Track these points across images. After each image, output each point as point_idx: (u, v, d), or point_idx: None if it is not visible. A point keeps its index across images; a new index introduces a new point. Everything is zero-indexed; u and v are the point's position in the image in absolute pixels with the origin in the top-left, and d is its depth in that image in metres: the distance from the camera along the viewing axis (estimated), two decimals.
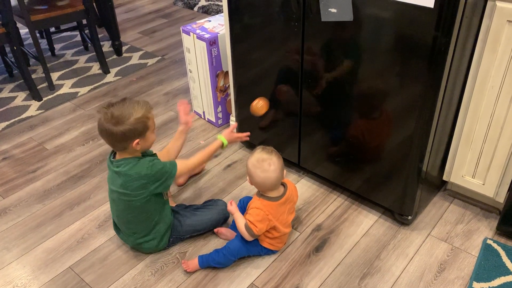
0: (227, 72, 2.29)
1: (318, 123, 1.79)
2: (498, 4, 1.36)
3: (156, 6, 4.19)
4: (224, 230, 1.72)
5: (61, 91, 2.83)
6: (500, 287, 1.50)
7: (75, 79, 2.96)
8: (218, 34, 2.17)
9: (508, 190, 1.63)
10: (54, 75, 3.00)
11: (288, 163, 2.06)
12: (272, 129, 1.99)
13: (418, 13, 1.30)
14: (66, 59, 3.24)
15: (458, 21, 1.30)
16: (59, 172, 2.15)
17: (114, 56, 3.26)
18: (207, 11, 3.94)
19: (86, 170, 2.15)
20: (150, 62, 3.15)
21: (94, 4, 3.14)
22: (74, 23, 3.26)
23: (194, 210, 1.74)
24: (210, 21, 2.31)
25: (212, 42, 2.16)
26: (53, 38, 3.46)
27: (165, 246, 1.68)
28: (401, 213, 1.72)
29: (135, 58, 3.21)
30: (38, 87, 2.79)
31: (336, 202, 1.89)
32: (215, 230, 1.74)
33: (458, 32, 1.33)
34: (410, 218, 1.72)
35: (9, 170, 2.18)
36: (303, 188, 1.97)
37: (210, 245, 1.72)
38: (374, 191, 1.76)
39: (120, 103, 1.47)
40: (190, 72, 2.39)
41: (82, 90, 2.83)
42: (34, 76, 2.98)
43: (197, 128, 2.42)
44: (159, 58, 3.21)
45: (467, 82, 1.54)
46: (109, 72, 3.02)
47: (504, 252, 1.62)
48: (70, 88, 2.86)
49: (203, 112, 2.46)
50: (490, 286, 1.50)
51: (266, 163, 1.51)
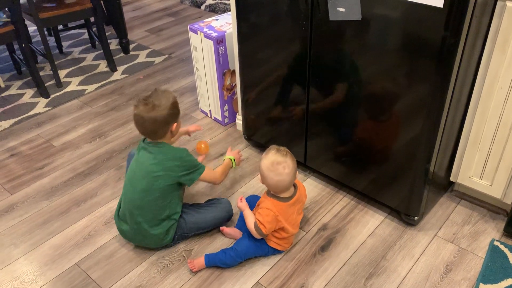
0: (234, 70, 2.29)
1: (325, 123, 1.78)
2: (508, 4, 1.35)
3: (163, 4, 4.19)
4: (229, 230, 1.73)
5: (68, 89, 2.84)
6: None
7: (83, 77, 2.97)
8: (225, 33, 2.17)
9: None
10: (62, 73, 3.02)
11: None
12: (278, 128, 1.99)
13: (426, 12, 1.30)
14: (73, 57, 3.25)
15: (467, 21, 1.29)
16: (66, 169, 2.16)
17: (121, 54, 3.27)
18: (214, 10, 3.95)
19: (93, 167, 2.16)
20: (157, 60, 3.16)
21: (101, 2, 3.15)
22: (82, 21, 3.28)
23: (197, 208, 1.74)
24: (217, 19, 2.32)
25: (219, 41, 2.16)
26: (61, 35, 3.48)
27: (170, 242, 1.68)
28: (407, 213, 1.72)
29: (142, 56, 3.22)
30: (46, 85, 2.81)
31: (342, 202, 1.88)
32: (221, 229, 1.74)
33: (467, 32, 1.32)
34: (416, 218, 1.71)
35: (16, 166, 2.20)
36: (309, 187, 1.96)
37: (216, 243, 1.72)
38: (380, 191, 1.76)
39: (154, 94, 1.59)
40: (197, 70, 2.39)
41: (89, 88, 2.84)
42: (42, 73, 2.99)
43: (203, 126, 2.42)
44: (166, 56, 3.21)
45: (476, 83, 1.54)
46: (116, 70, 3.04)
47: (511, 254, 1.61)
48: (77, 85, 2.88)
49: (210, 110, 2.46)
50: None
51: (281, 166, 1.50)
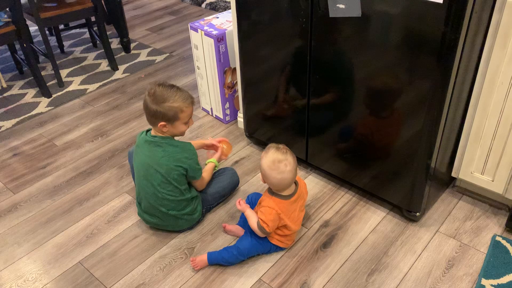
0: (235, 68, 2.29)
1: (326, 119, 1.79)
2: None
3: (164, 3, 4.19)
4: (231, 227, 1.73)
5: (70, 88, 2.85)
6: (509, 284, 1.49)
7: (84, 76, 2.98)
8: (226, 31, 2.17)
9: None
10: (63, 72, 3.03)
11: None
12: (280, 125, 1.99)
13: (426, 8, 1.30)
14: (75, 56, 3.26)
15: (468, 16, 1.29)
16: (69, 168, 2.17)
17: (123, 53, 3.27)
18: (215, 8, 3.94)
19: (95, 166, 2.17)
20: (158, 59, 3.17)
21: (102, 1, 3.16)
22: (83, 20, 3.28)
23: (212, 180, 1.86)
24: (218, 17, 2.32)
25: (220, 39, 2.16)
26: (62, 35, 3.48)
27: (200, 217, 1.78)
28: (409, 209, 1.72)
29: (143, 55, 3.23)
30: (47, 84, 2.81)
31: (344, 199, 1.89)
32: (223, 226, 1.75)
33: (468, 27, 1.32)
34: (418, 214, 1.72)
35: (19, 166, 2.21)
36: (311, 184, 1.97)
37: (218, 241, 1.72)
38: (382, 188, 1.76)
39: (167, 87, 1.60)
40: (198, 68, 2.39)
41: (91, 87, 2.85)
42: (43, 73, 3.00)
43: (205, 124, 2.43)
44: (167, 55, 3.22)
45: (477, 78, 1.53)
46: (117, 69, 3.04)
47: None
48: (79, 85, 2.89)
49: (211, 108, 2.46)
50: (499, 283, 1.50)
51: (282, 164, 1.50)
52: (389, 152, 1.65)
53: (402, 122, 1.55)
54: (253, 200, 1.75)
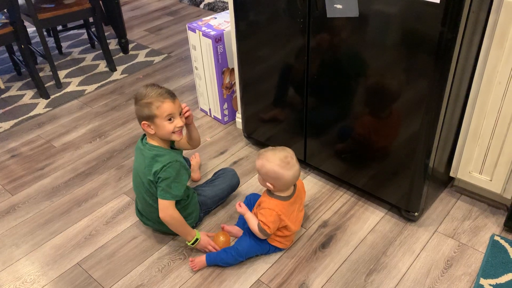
0: (233, 69, 2.29)
1: (324, 120, 1.79)
2: None
3: (162, 3, 4.19)
4: (230, 228, 1.73)
5: (68, 89, 2.85)
6: (507, 284, 1.49)
7: (82, 77, 2.98)
8: (224, 31, 2.17)
9: None
10: (61, 73, 3.02)
11: None
12: (278, 125, 1.99)
13: (424, 8, 1.30)
14: (73, 57, 3.26)
15: (465, 16, 1.29)
16: (67, 169, 2.17)
17: (121, 53, 3.27)
18: (213, 8, 3.94)
19: (93, 167, 2.17)
20: (157, 59, 3.16)
21: (100, 2, 3.15)
22: (81, 21, 3.28)
23: (211, 183, 1.85)
24: (216, 18, 2.32)
25: (217, 39, 2.16)
26: (60, 36, 3.48)
27: (196, 221, 1.76)
28: (407, 209, 1.72)
29: (142, 56, 3.22)
30: (45, 85, 2.81)
31: (342, 199, 1.89)
32: (222, 226, 1.74)
33: (465, 27, 1.32)
34: (416, 214, 1.72)
35: (17, 167, 2.20)
36: (309, 184, 1.97)
37: None
38: (380, 188, 1.76)
39: (148, 86, 1.57)
40: (196, 69, 2.39)
41: (89, 88, 2.85)
42: (41, 74, 3.00)
43: (203, 125, 2.43)
44: (165, 55, 3.22)
45: (474, 78, 1.53)
46: (115, 69, 3.04)
47: (511, 248, 1.61)
48: (77, 86, 2.88)
49: (209, 109, 2.46)
50: (498, 283, 1.50)
51: (289, 158, 1.51)
52: (387, 152, 1.65)
53: (400, 122, 1.55)
54: (251, 201, 1.75)
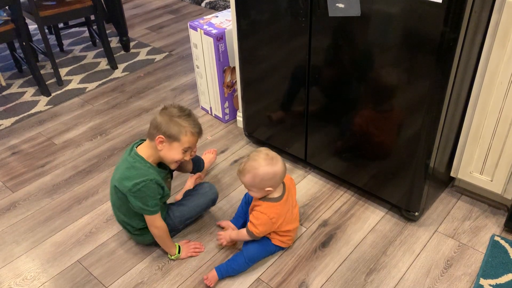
0: (234, 67, 2.29)
1: (325, 119, 1.78)
2: None
3: (163, 1, 4.19)
4: (226, 224, 1.75)
5: (69, 87, 2.85)
6: (507, 284, 1.49)
7: (83, 75, 2.98)
8: (225, 30, 2.17)
9: None
10: (63, 71, 3.02)
11: (294, 159, 2.06)
12: (279, 124, 1.99)
13: (426, 8, 1.30)
14: (74, 55, 3.26)
15: (467, 16, 1.29)
16: (68, 167, 2.17)
17: (122, 51, 3.27)
18: (215, 7, 3.94)
19: (94, 165, 2.17)
20: (158, 57, 3.16)
21: (102, 0, 3.15)
22: (82, 19, 3.28)
23: (181, 201, 1.75)
24: (217, 16, 2.31)
25: (219, 38, 2.16)
26: (61, 34, 3.47)
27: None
28: (408, 209, 1.72)
29: (143, 54, 3.22)
30: (46, 83, 2.81)
31: (342, 198, 1.89)
32: (218, 224, 1.75)
33: (467, 27, 1.32)
34: (417, 214, 1.72)
35: (18, 164, 2.21)
36: (310, 184, 1.97)
37: (217, 240, 1.72)
38: (381, 187, 1.76)
39: (185, 109, 1.54)
40: (197, 67, 2.39)
41: (90, 86, 2.85)
42: (42, 71, 3.00)
43: (204, 123, 2.43)
44: (167, 53, 3.21)
45: (476, 78, 1.53)
46: (117, 67, 3.04)
47: (511, 249, 1.61)
48: (78, 83, 2.88)
49: (210, 107, 2.46)
50: (498, 283, 1.50)
51: (270, 154, 1.50)
52: (388, 151, 1.65)
53: (401, 122, 1.55)
54: (250, 199, 1.75)
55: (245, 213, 1.73)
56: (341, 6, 1.47)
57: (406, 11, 1.35)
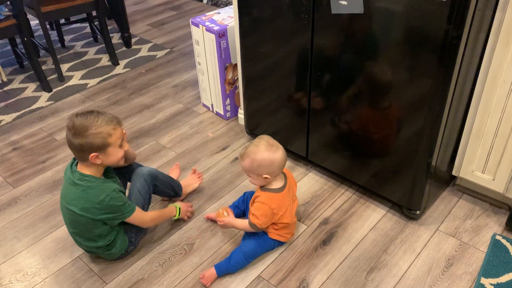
0: (236, 64, 2.28)
1: (327, 117, 1.78)
2: None
3: None
4: (212, 215, 1.78)
5: (70, 83, 2.84)
6: (508, 283, 1.49)
7: (85, 71, 2.97)
8: (227, 27, 2.16)
9: None
10: (64, 67, 3.02)
11: (296, 157, 2.06)
12: (280, 122, 1.99)
13: (429, 5, 1.29)
14: (75, 51, 3.25)
15: (471, 14, 1.28)
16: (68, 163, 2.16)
17: (123, 48, 3.26)
18: (216, 4, 3.93)
19: None
20: (159, 54, 3.16)
21: None
22: (84, 15, 3.27)
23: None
24: (219, 13, 2.31)
25: (221, 35, 2.15)
26: (63, 29, 3.47)
27: (119, 254, 1.63)
28: (409, 207, 1.72)
29: (144, 50, 3.22)
30: (48, 78, 2.81)
31: (344, 196, 1.88)
32: (209, 217, 1.79)
33: (470, 25, 1.31)
34: (418, 213, 1.71)
35: (19, 160, 2.20)
36: (311, 181, 1.96)
37: (217, 237, 1.72)
38: (382, 186, 1.75)
39: (85, 114, 1.43)
40: (199, 64, 2.39)
41: (92, 82, 2.84)
42: (44, 67, 2.99)
43: (205, 120, 2.42)
44: (168, 50, 3.21)
45: (479, 76, 1.53)
46: (118, 64, 3.03)
47: None
48: (79, 79, 2.88)
49: (212, 104, 2.46)
50: (499, 282, 1.50)
51: (271, 141, 1.51)
52: (390, 150, 1.64)
53: (403, 120, 1.54)
54: (248, 199, 1.75)
55: (239, 207, 1.76)
56: (344, 3, 1.46)
57: (409, 9, 1.35)
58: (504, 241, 1.63)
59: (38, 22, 2.98)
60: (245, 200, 1.76)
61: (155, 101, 2.62)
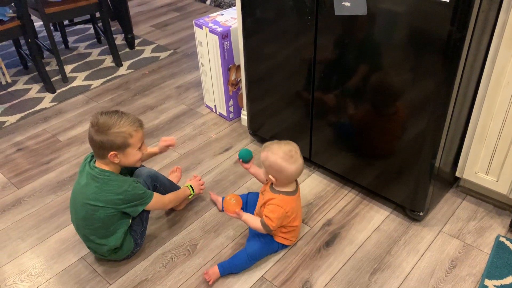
0: (239, 66, 2.28)
1: (330, 118, 1.78)
2: None
3: None
4: (216, 197, 1.86)
5: (74, 84, 2.85)
6: None
7: (88, 72, 2.98)
8: (231, 28, 2.17)
9: None
10: (68, 68, 3.03)
11: None
12: (283, 123, 1.99)
13: (433, 7, 1.29)
14: (79, 52, 3.26)
15: (474, 15, 1.28)
16: (72, 163, 2.17)
17: (127, 49, 3.27)
18: (220, 5, 3.94)
19: None
20: (163, 55, 3.16)
21: None
22: (88, 16, 3.29)
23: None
24: (222, 14, 2.31)
25: (224, 36, 2.16)
26: (66, 31, 3.49)
27: (126, 255, 1.64)
28: (412, 209, 1.71)
29: (148, 51, 3.23)
30: (52, 80, 2.82)
31: (347, 197, 1.88)
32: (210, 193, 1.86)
33: (474, 26, 1.31)
34: (421, 214, 1.71)
35: (23, 161, 2.21)
36: (314, 182, 1.96)
37: (221, 238, 1.73)
38: (385, 187, 1.75)
39: (110, 113, 1.49)
40: (202, 65, 2.39)
41: (95, 83, 2.85)
42: (48, 68, 3.01)
43: (208, 121, 2.43)
44: (172, 51, 3.22)
45: (482, 78, 1.52)
46: (121, 65, 3.04)
47: None
48: (83, 80, 2.89)
49: (215, 105, 2.46)
50: (502, 284, 1.49)
51: (293, 152, 1.51)
52: (393, 151, 1.64)
53: (406, 121, 1.54)
54: (249, 200, 1.75)
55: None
56: (347, 4, 1.46)
57: (413, 10, 1.35)
58: (508, 242, 1.63)
59: (42, 23, 2.98)
60: (247, 201, 1.76)
61: (159, 102, 2.63)
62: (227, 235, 1.74)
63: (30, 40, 2.60)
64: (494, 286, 1.49)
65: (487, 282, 1.50)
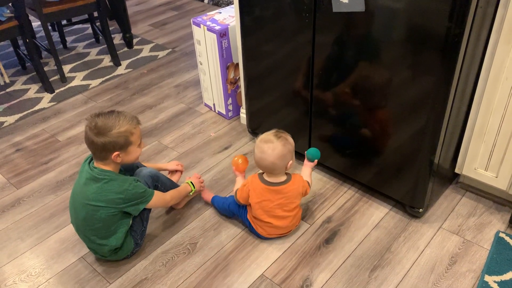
0: (238, 64, 2.28)
1: (329, 115, 1.78)
2: None
3: None
4: (206, 194, 1.90)
5: (73, 84, 2.85)
6: None
7: (87, 72, 2.98)
8: (229, 26, 2.16)
9: None
10: (66, 68, 3.03)
11: (298, 156, 2.05)
12: (282, 121, 1.99)
13: (430, 3, 1.29)
14: (77, 52, 3.26)
15: (472, 11, 1.28)
16: (71, 163, 2.17)
17: (125, 48, 3.27)
18: (218, 3, 3.93)
19: None
20: (161, 54, 3.16)
21: None
22: (86, 16, 3.28)
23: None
24: (220, 13, 2.31)
25: (222, 34, 2.15)
26: (64, 30, 3.48)
27: (126, 254, 1.64)
28: (412, 205, 1.71)
29: (146, 51, 3.22)
30: (50, 80, 2.81)
31: (346, 195, 1.88)
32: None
33: (472, 22, 1.31)
34: (421, 210, 1.71)
35: (22, 161, 2.21)
36: (314, 180, 1.96)
37: (221, 236, 1.73)
38: (385, 184, 1.75)
39: (106, 114, 1.49)
40: (201, 64, 2.39)
41: (94, 83, 2.85)
42: (46, 68, 3.00)
43: (207, 120, 2.42)
44: (170, 50, 3.21)
45: (481, 74, 1.52)
46: (120, 64, 3.04)
47: None
48: (81, 80, 2.89)
49: (213, 104, 2.46)
50: (502, 280, 1.49)
51: (266, 146, 1.54)
52: (392, 148, 1.64)
53: (406, 118, 1.54)
54: (231, 206, 1.77)
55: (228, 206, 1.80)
56: (345, 1, 1.46)
57: (411, 6, 1.34)
58: (507, 238, 1.63)
59: (40, 23, 2.98)
60: (232, 209, 1.78)
61: (157, 101, 2.63)
62: (227, 233, 1.74)
63: (28, 40, 2.59)
64: (494, 282, 1.49)
65: (487, 278, 1.50)
